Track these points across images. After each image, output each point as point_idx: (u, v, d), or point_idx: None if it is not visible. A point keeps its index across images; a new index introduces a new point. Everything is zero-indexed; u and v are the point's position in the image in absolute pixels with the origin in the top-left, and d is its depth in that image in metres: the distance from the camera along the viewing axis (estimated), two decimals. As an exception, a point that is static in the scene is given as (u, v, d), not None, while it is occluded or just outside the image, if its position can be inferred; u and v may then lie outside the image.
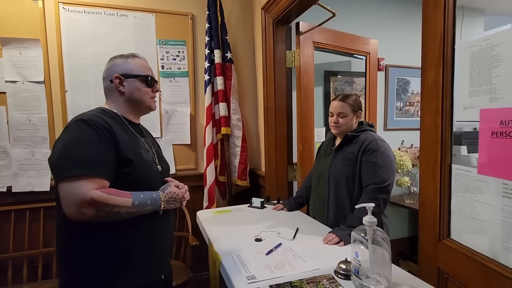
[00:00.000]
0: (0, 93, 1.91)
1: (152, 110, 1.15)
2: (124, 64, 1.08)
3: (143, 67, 1.11)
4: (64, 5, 2.00)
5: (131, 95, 1.07)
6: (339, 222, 1.32)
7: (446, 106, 0.93)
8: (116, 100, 1.08)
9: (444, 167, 0.95)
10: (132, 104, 1.09)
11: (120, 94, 1.07)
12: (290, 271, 0.98)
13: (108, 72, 1.08)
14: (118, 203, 0.90)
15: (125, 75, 1.07)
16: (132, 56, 1.11)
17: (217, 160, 2.28)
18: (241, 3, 2.41)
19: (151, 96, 1.12)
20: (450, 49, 0.92)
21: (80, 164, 0.87)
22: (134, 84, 1.07)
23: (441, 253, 0.96)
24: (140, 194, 0.96)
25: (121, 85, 1.07)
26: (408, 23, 2.82)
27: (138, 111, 1.12)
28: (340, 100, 1.48)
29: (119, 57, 1.11)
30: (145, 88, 1.09)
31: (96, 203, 0.86)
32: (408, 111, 3.02)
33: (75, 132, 0.91)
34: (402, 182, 2.59)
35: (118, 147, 0.95)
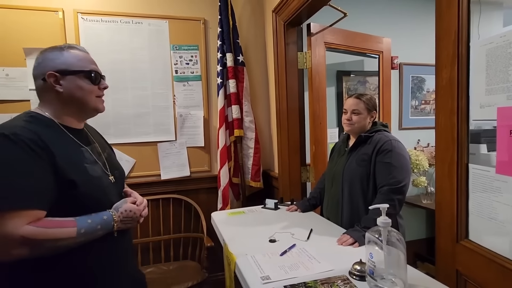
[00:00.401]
0: (24, 100, 2.01)
1: (101, 112, 0.96)
2: (59, 57, 0.87)
3: (83, 60, 0.91)
4: (83, 15, 2.08)
5: (72, 95, 0.88)
6: (353, 223, 1.31)
7: (461, 105, 0.92)
8: (51, 102, 0.88)
9: (461, 167, 0.93)
10: (73, 106, 0.90)
11: (56, 94, 0.87)
12: (304, 272, 0.98)
13: (39, 68, 0.87)
14: (60, 236, 0.75)
15: (62, 71, 0.86)
16: (68, 47, 0.90)
17: (231, 162, 2.31)
18: (252, 7, 2.44)
19: (98, 94, 0.94)
20: (465, 47, 0.90)
21: (3, 195, 0.72)
22: (74, 82, 0.88)
23: (459, 254, 0.94)
24: (87, 219, 0.81)
25: (57, 83, 0.86)
26: (422, 19, 2.77)
27: (82, 114, 0.94)
28: (355, 97, 1.48)
29: (50, 49, 0.89)
30: (89, 86, 0.91)
31: (29, 241, 0.72)
32: (424, 110, 2.96)
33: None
34: (419, 182, 2.54)
35: (56, 166, 0.78)
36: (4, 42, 1.94)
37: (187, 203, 2.29)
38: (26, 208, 0.74)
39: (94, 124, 2.10)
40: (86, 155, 0.91)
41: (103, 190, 0.91)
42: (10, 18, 1.95)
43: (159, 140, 2.27)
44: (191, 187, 2.33)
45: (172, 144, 2.30)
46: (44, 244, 0.74)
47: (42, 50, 0.90)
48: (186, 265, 2.11)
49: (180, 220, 2.27)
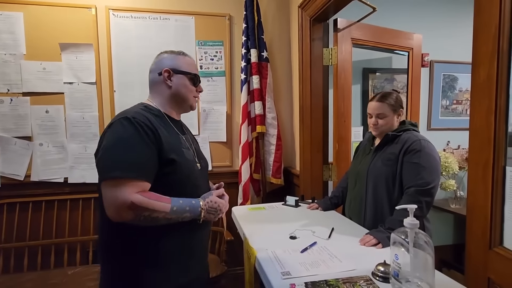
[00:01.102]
0: (59, 93, 2.12)
1: (193, 110, 1.15)
2: (174, 59, 1.08)
3: (191, 65, 1.11)
4: (114, 12, 2.16)
5: (178, 90, 1.07)
6: (377, 224, 1.27)
7: (500, 104, 0.86)
8: (161, 94, 1.07)
9: (497, 170, 0.88)
10: (176, 100, 1.09)
11: (166, 88, 1.07)
12: (326, 270, 0.97)
13: (157, 64, 1.08)
14: (158, 208, 0.88)
15: (174, 70, 1.06)
16: (182, 53, 1.12)
17: (252, 158, 2.32)
18: (277, 2, 2.42)
19: (195, 95, 1.13)
20: (507, 42, 0.84)
21: (122, 166, 0.86)
22: (182, 80, 1.07)
23: (492, 262, 0.89)
24: (179, 200, 0.94)
25: (169, 79, 1.06)
26: (457, 14, 2.63)
27: (180, 108, 1.12)
28: (377, 100, 1.41)
29: (169, 52, 1.11)
30: (191, 86, 1.10)
31: (136, 207, 0.84)
32: (455, 110, 2.82)
33: (119, 131, 0.91)
34: (447, 186, 2.43)
35: (161, 147, 0.93)
36: (42, 38, 2.05)
37: (208, 197, 2.32)
38: (138, 178, 0.87)
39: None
40: (182, 142, 1.07)
41: (194, 172, 1.06)
42: (47, 15, 2.06)
43: (182, 134, 2.32)
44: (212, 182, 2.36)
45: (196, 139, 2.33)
46: (144, 212, 0.86)
47: (161, 52, 1.11)
48: (205, 257, 2.15)
49: (201, 213, 2.31)
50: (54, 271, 1.95)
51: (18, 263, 1.99)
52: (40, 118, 2.10)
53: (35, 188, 2.10)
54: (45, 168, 2.11)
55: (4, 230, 2.03)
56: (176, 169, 0.96)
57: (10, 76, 2.04)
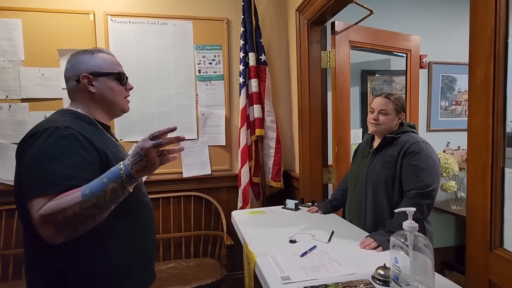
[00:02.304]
0: (58, 99, 2.12)
1: (126, 112, 1.02)
2: (91, 60, 0.94)
3: (113, 63, 0.98)
4: (112, 17, 2.17)
5: (103, 95, 0.95)
6: (377, 227, 1.27)
7: (498, 105, 0.86)
8: (83, 102, 0.94)
9: (496, 171, 0.88)
10: (104, 106, 0.97)
11: (89, 94, 0.93)
12: (325, 274, 0.96)
13: (72, 70, 0.93)
14: (67, 203, 0.74)
15: (94, 73, 0.93)
16: (98, 51, 0.97)
17: (251, 161, 2.31)
18: (275, 6, 2.43)
19: (125, 95, 1.01)
20: (503, 44, 0.85)
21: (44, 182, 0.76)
22: (106, 83, 0.95)
23: (493, 264, 0.88)
24: (94, 181, 0.78)
25: (90, 84, 0.93)
26: (454, 16, 2.64)
27: (110, 113, 1.00)
28: (384, 96, 1.42)
29: (82, 52, 0.95)
30: (119, 87, 0.98)
31: (47, 218, 0.73)
32: (454, 111, 2.82)
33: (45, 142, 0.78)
34: (448, 187, 2.42)
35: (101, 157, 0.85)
36: (40, 44, 2.06)
37: (207, 201, 2.32)
38: (51, 194, 0.75)
39: (121, 122, 2.20)
40: (121, 149, 0.99)
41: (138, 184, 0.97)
42: (46, 21, 2.06)
43: (182, 138, 2.31)
44: (212, 186, 2.36)
45: (194, 143, 2.34)
46: (57, 217, 0.73)
47: (74, 54, 0.96)
48: (205, 262, 2.14)
49: (201, 218, 2.31)
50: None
51: (18, 270, 1.98)
52: (39, 124, 2.10)
53: (34, 194, 2.09)
54: (44, 174, 2.10)
55: (3, 236, 2.02)
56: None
57: (8, 83, 2.04)
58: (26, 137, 0.83)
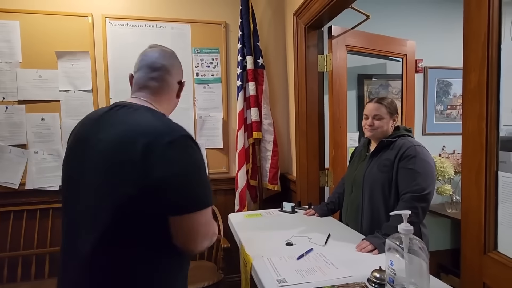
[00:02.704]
0: (55, 101, 2.11)
1: None
2: (181, 66, 0.94)
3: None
4: (110, 20, 2.17)
5: (174, 107, 0.95)
6: (374, 231, 1.28)
7: (491, 110, 0.88)
8: (165, 104, 0.90)
9: (490, 175, 0.89)
10: (171, 111, 0.96)
11: (172, 101, 0.93)
12: (321, 276, 0.97)
13: (180, 69, 0.92)
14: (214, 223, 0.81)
15: (183, 82, 0.93)
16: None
17: (249, 164, 2.32)
18: (273, 10, 2.45)
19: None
20: (496, 49, 0.86)
21: (209, 193, 0.77)
22: (181, 92, 0.95)
23: (487, 267, 0.89)
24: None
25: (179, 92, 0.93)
26: (450, 21, 2.67)
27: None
28: (376, 102, 1.44)
29: (175, 55, 0.93)
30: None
31: (215, 234, 0.79)
32: (450, 115, 2.85)
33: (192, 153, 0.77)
34: (444, 190, 2.44)
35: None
36: (38, 46, 2.06)
37: (204, 204, 2.31)
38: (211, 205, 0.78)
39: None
40: None
41: None
42: (44, 23, 2.06)
43: (179, 141, 2.31)
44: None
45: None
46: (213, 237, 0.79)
47: (172, 51, 0.93)
48: (202, 265, 2.13)
49: (198, 220, 2.30)
50: (48, 281, 1.93)
51: (12, 273, 1.96)
52: (36, 126, 2.09)
53: (30, 196, 2.08)
54: (40, 176, 2.09)
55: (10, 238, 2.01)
56: None
57: (5, 84, 2.04)
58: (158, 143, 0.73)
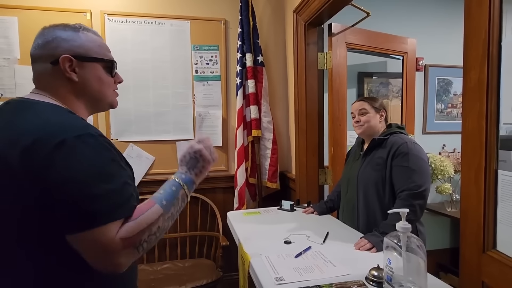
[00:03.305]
0: (53, 97, 2.10)
1: (114, 108, 0.83)
2: (75, 39, 0.72)
3: (102, 47, 0.78)
4: (109, 16, 2.16)
5: (88, 86, 0.74)
6: (370, 229, 1.27)
7: (491, 108, 0.87)
8: (59, 93, 0.72)
9: (489, 173, 0.88)
10: (86, 99, 0.76)
11: (68, 83, 0.72)
12: (319, 275, 0.96)
13: (47, 48, 0.71)
14: (150, 219, 0.65)
15: (79, 57, 0.72)
16: (83, 28, 0.75)
17: (248, 162, 2.31)
18: (272, 7, 2.44)
19: (114, 88, 0.81)
20: (496, 47, 0.85)
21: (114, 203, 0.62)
22: (94, 71, 0.74)
23: (486, 265, 0.89)
24: (157, 193, 0.71)
25: (73, 71, 0.72)
26: (450, 19, 2.66)
27: (93, 108, 0.79)
28: (358, 100, 1.50)
29: (62, 27, 0.73)
30: (108, 78, 0.78)
31: (131, 241, 0.62)
32: (450, 113, 2.84)
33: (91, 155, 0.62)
34: (443, 189, 2.43)
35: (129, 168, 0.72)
36: (37, 42, 2.05)
37: (203, 202, 2.31)
38: (123, 216, 0.63)
39: (117, 122, 2.19)
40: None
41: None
42: (42, 19, 2.05)
43: (178, 138, 2.31)
44: (208, 186, 2.35)
45: (190, 143, 2.33)
46: (142, 235, 0.64)
47: (48, 26, 0.73)
48: (201, 263, 2.14)
49: (197, 218, 2.30)
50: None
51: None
52: (34, 123, 2.08)
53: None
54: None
55: None
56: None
57: (3, 81, 2.03)
58: (45, 148, 0.59)
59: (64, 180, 0.59)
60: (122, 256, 0.61)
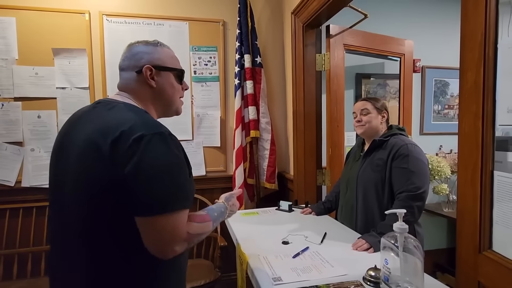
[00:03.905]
0: (52, 98, 2.10)
1: (178, 114, 0.96)
2: (154, 52, 0.88)
3: (175, 59, 0.93)
4: (108, 17, 2.16)
5: (163, 91, 0.88)
6: (369, 230, 1.28)
7: (487, 109, 0.88)
8: (141, 97, 0.87)
9: (485, 174, 0.89)
10: (160, 103, 0.90)
11: (148, 89, 0.87)
12: (317, 275, 0.97)
13: (133, 60, 0.86)
14: (205, 230, 0.81)
15: (157, 67, 0.87)
16: (160, 44, 0.91)
17: (246, 162, 2.31)
18: (271, 8, 2.45)
19: (181, 95, 0.95)
20: (492, 49, 0.86)
21: (180, 195, 0.74)
22: (168, 79, 0.89)
23: (482, 265, 0.89)
24: (214, 212, 0.88)
25: (152, 78, 0.86)
26: (447, 21, 2.68)
27: (163, 113, 0.93)
28: (361, 100, 1.50)
29: (144, 43, 0.89)
30: (178, 85, 0.92)
31: (190, 237, 0.76)
32: (447, 115, 2.86)
33: (163, 151, 0.73)
34: (440, 190, 2.45)
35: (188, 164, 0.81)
36: (35, 43, 2.04)
37: (202, 202, 2.31)
38: (188, 207, 0.76)
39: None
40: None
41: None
42: (40, 20, 2.05)
43: (176, 139, 2.31)
44: (206, 187, 2.35)
45: (189, 144, 2.33)
46: (195, 239, 0.78)
47: (133, 43, 0.90)
48: (199, 263, 2.13)
49: (195, 219, 2.29)
50: (44, 279, 1.92)
51: (7, 271, 1.96)
52: (32, 123, 2.08)
53: (26, 194, 2.07)
54: (36, 173, 2.08)
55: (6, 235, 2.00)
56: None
57: (1, 81, 2.02)
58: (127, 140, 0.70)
59: (139, 168, 0.69)
60: (180, 245, 0.73)
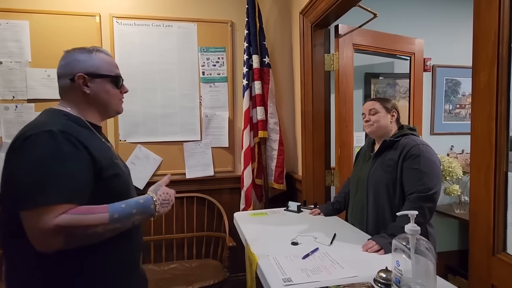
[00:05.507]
0: (63, 99, 2.14)
1: (119, 113, 1.01)
2: (88, 59, 0.91)
3: (110, 65, 0.95)
4: (118, 19, 2.19)
5: (97, 97, 0.92)
6: (379, 231, 1.27)
7: (501, 110, 0.86)
8: (75, 102, 0.91)
9: (499, 175, 0.87)
10: (97, 107, 0.94)
11: (82, 95, 0.90)
12: (327, 276, 0.96)
13: (67, 68, 0.90)
14: (92, 222, 0.76)
15: (91, 74, 0.90)
16: (96, 50, 0.93)
17: (254, 163, 2.32)
18: (279, 9, 2.44)
19: (120, 98, 0.99)
20: (506, 48, 0.84)
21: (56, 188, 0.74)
22: (102, 86, 0.92)
23: (496, 268, 0.88)
24: (121, 204, 0.82)
25: (85, 85, 0.90)
26: (458, 19, 2.63)
27: (103, 114, 0.98)
28: (370, 99, 1.49)
29: (79, 50, 0.92)
30: (114, 90, 0.95)
31: (63, 230, 0.72)
32: (458, 114, 2.81)
33: (43, 146, 0.76)
34: (452, 191, 2.41)
35: (95, 162, 0.82)
36: (47, 46, 2.09)
37: (210, 203, 2.33)
38: (66, 202, 0.75)
39: (125, 124, 2.22)
40: (114, 153, 0.96)
41: (130, 185, 0.98)
42: (52, 23, 2.09)
43: (185, 139, 2.33)
44: (214, 187, 2.37)
45: (197, 144, 2.35)
46: (75, 231, 0.74)
47: (70, 50, 0.92)
48: (207, 263, 2.15)
49: (203, 219, 2.31)
50: None
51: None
52: (45, 125, 2.12)
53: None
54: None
55: None
56: (115, 185, 0.88)
57: (15, 83, 2.07)
58: (16, 141, 0.79)
59: (24, 165, 0.75)
60: (53, 238, 0.73)
